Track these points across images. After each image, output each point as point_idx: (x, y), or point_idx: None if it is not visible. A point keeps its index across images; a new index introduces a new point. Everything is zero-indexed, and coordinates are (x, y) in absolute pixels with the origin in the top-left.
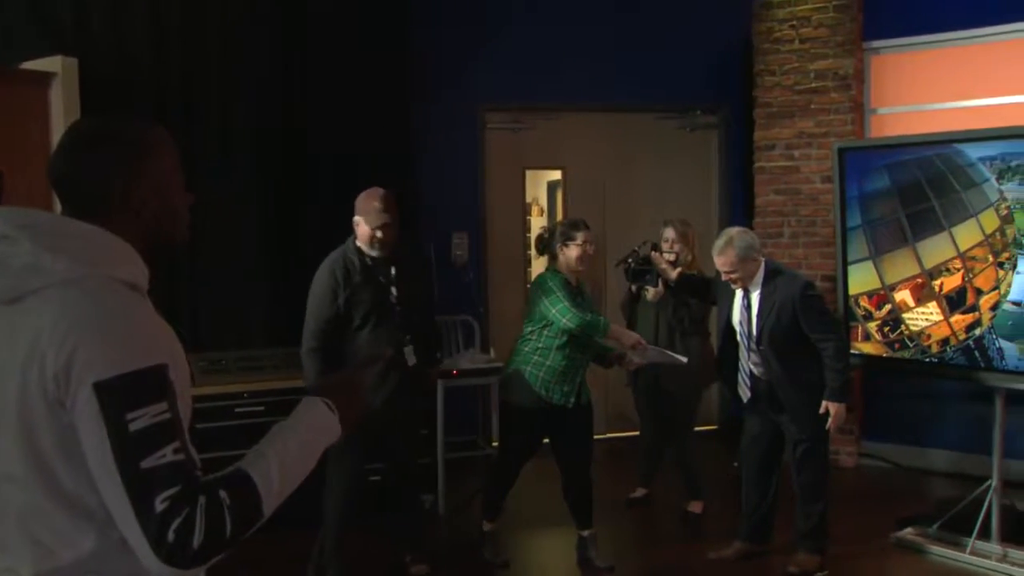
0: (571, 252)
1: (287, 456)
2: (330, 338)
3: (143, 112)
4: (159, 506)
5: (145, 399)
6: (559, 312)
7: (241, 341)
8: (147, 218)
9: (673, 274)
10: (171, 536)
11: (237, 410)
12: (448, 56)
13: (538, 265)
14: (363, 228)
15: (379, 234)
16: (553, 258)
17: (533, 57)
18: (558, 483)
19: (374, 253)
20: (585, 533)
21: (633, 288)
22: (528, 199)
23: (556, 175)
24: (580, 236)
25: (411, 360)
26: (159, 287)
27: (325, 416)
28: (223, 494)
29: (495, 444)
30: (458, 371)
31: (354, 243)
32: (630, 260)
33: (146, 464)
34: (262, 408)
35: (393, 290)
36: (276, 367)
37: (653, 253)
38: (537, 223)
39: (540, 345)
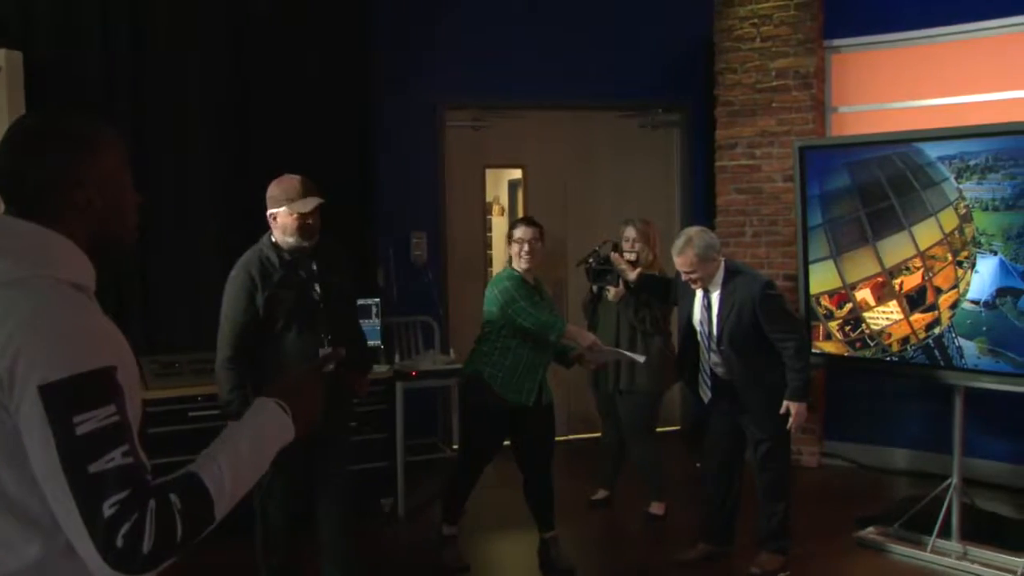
0: (512, 249)
1: (239, 458)
2: (248, 345)
3: (90, 108)
4: (107, 511)
5: (92, 402)
6: (515, 312)
7: (195, 343)
8: (93, 218)
9: (633, 274)
10: (120, 542)
11: (191, 414)
12: (408, 53)
13: (499, 265)
14: (285, 218)
15: (309, 220)
16: (510, 258)
17: (494, 55)
18: (519, 485)
19: (304, 243)
20: (547, 536)
21: (594, 288)
22: (489, 198)
23: (517, 174)
24: (517, 232)
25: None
26: (107, 288)
27: (278, 417)
28: (174, 498)
29: (455, 446)
30: (417, 372)
31: (269, 239)
32: (591, 260)
33: (94, 468)
34: (216, 412)
35: (316, 287)
36: None
37: (613, 254)
38: (498, 223)
39: (499, 345)
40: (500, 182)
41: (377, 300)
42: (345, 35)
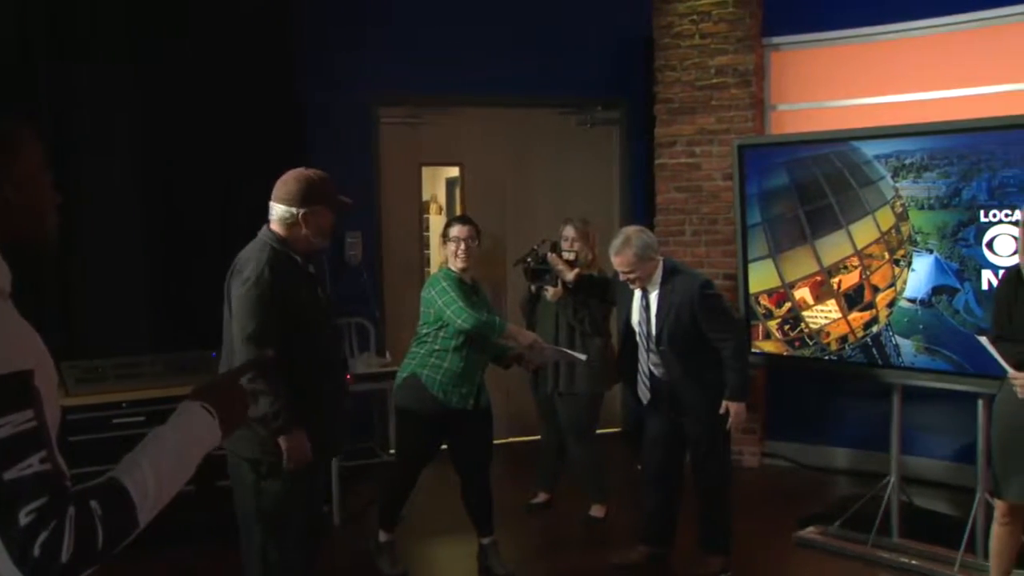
0: (448, 248)
1: (164, 463)
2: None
3: (8, 108)
4: (24, 519)
5: (8, 406)
6: (454, 312)
7: (120, 347)
8: (10, 217)
9: (571, 275)
10: (37, 551)
11: (115, 421)
12: (339, 48)
13: (436, 265)
14: (323, 216)
15: (332, 222)
16: (447, 257)
17: (429, 49)
18: (457, 490)
19: (325, 245)
20: (486, 541)
21: (533, 288)
22: (426, 196)
23: (454, 172)
24: (453, 231)
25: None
26: (25, 290)
27: (204, 420)
28: (94, 504)
29: (392, 451)
30: (352, 376)
31: (278, 238)
32: (529, 259)
33: (9, 475)
34: (143, 418)
35: (319, 291)
36: (158, 374)
37: (550, 254)
38: (436, 221)
39: (436, 347)
40: (437, 180)
41: None
42: (270, 32)
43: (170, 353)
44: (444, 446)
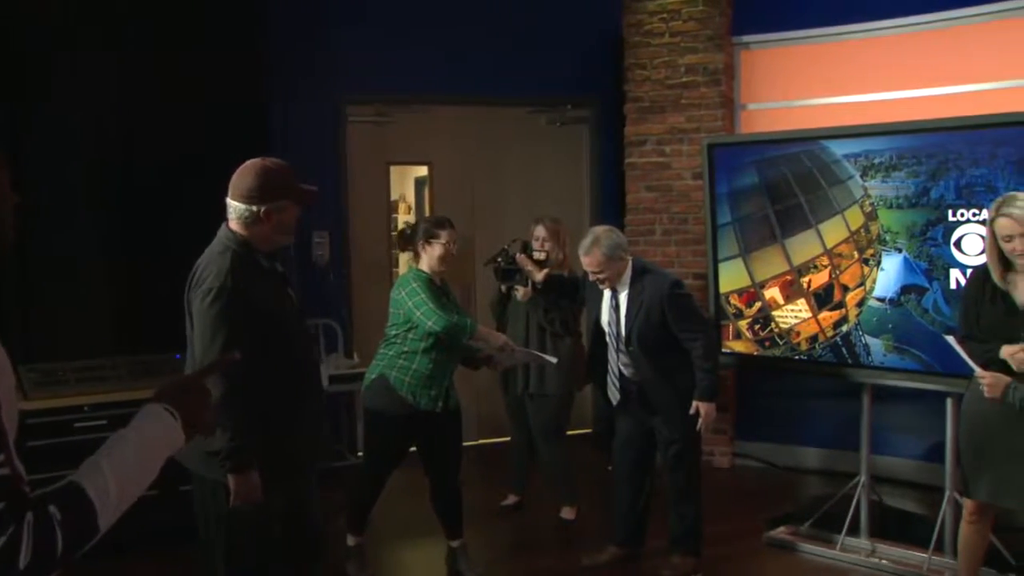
0: (434, 251)
1: (125, 466)
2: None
3: None
4: None
5: None
6: (424, 314)
7: (80, 350)
8: None
9: (540, 275)
10: None
11: (76, 425)
12: (306, 45)
13: (405, 266)
14: (289, 212)
15: (297, 215)
16: (416, 256)
17: (398, 47)
18: (426, 493)
19: (289, 241)
20: (455, 544)
21: (503, 288)
22: (394, 196)
23: (423, 171)
24: (444, 235)
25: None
26: None
27: (166, 423)
28: (53, 509)
29: (360, 453)
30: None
31: (238, 239)
32: (499, 259)
33: None
34: (104, 422)
35: (291, 292)
36: (120, 377)
37: (519, 255)
38: (405, 221)
39: (405, 349)
40: (406, 180)
41: None
42: (237, 28)
43: (132, 355)
44: (413, 448)
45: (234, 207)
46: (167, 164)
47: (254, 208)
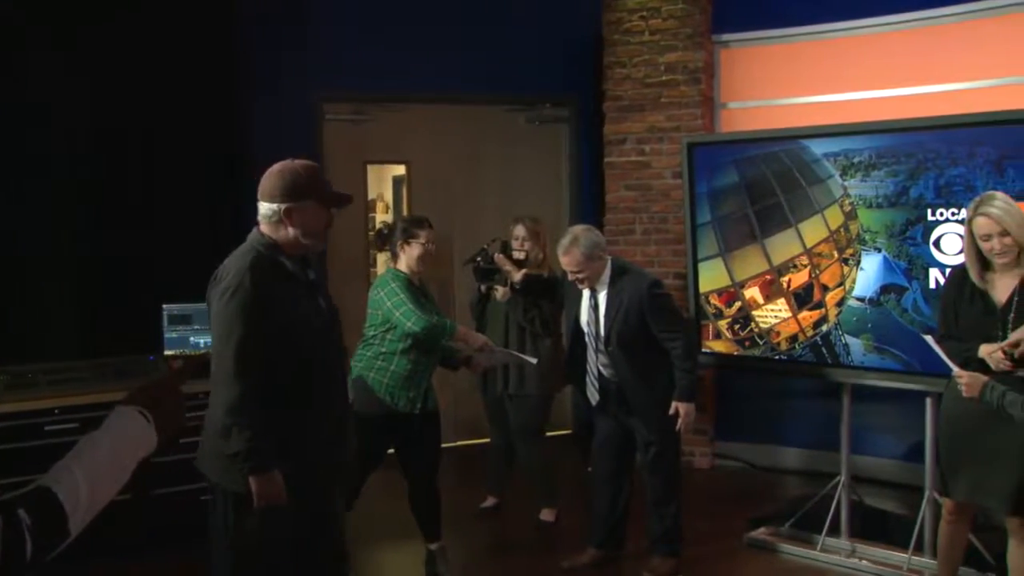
0: (413, 251)
1: (96, 470)
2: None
3: None
4: None
5: None
6: (403, 315)
7: (52, 352)
8: None
9: (518, 275)
10: None
11: (47, 428)
12: (283, 43)
13: (383, 265)
14: (316, 212)
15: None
16: (394, 256)
17: (375, 45)
18: (404, 495)
19: (318, 247)
20: (433, 546)
21: (482, 288)
22: (372, 195)
23: (401, 170)
24: (423, 235)
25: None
26: None
27: (139, 425)
28: (22, 514)
29: None
30: None
31: (266, 241)
32: (479, 259)
33: None
34: (75, 425)
35: (322, 301)
36: (91, 380)
37: (497, 255)
38: (382, 221)
39: (383, 350)
40: (384, 179)
41: None
42: (212, 25)
43: (105, 358)
44: (391, 450)
45: (260, 208)
46: (136, 166)
47: (275, 207)
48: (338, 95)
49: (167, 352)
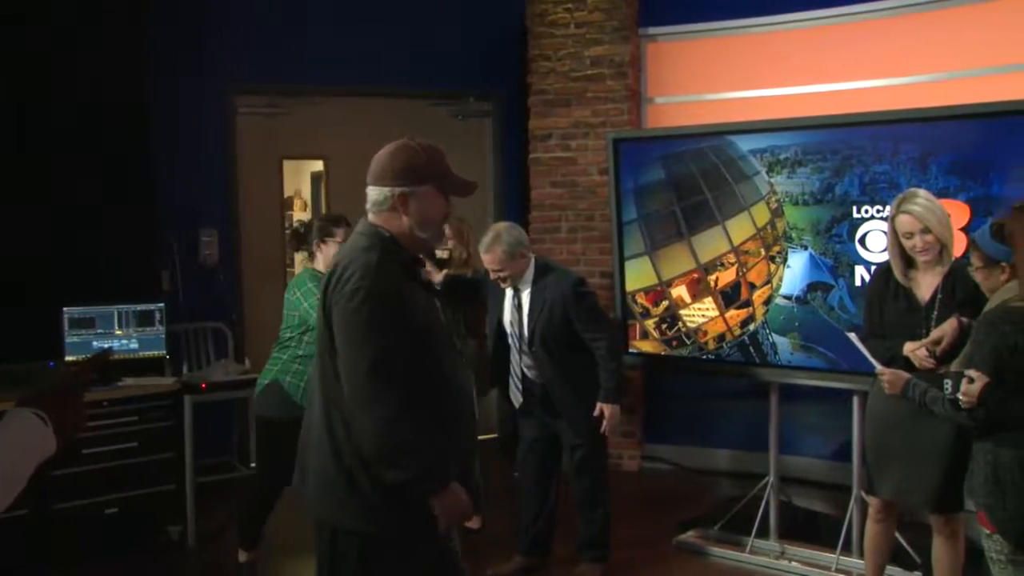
0: (330, 250)
1: None
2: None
3: None
4: None
5: None
6: None
7: None
8: None
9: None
10: None
11: None
12: (193, 32)
13: (300, 266)
14: (434, 200)
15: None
16: (311, 256)
17: (290, 34)
18: None
19: (435, 243)
20: None
21: None
22: (289, 192)
23: (319, 166)
24: (341, 233)
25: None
26: None
27: (35, 428)
28: None
29: (252, 464)
30: (208, 384)
31: (385, 232)
32: None
33: None
34: None
35: (439, 306)
36: None
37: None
38: (298, 219)
39: (300, 353)
40: (302, 175)
41: (161, 305)
42: (121, 12)
43: (3, 364)
44: None
45: (369, 194)
46: (35, 163)
47: (386, 191)
48: (252, 87)
49: (68, 358)
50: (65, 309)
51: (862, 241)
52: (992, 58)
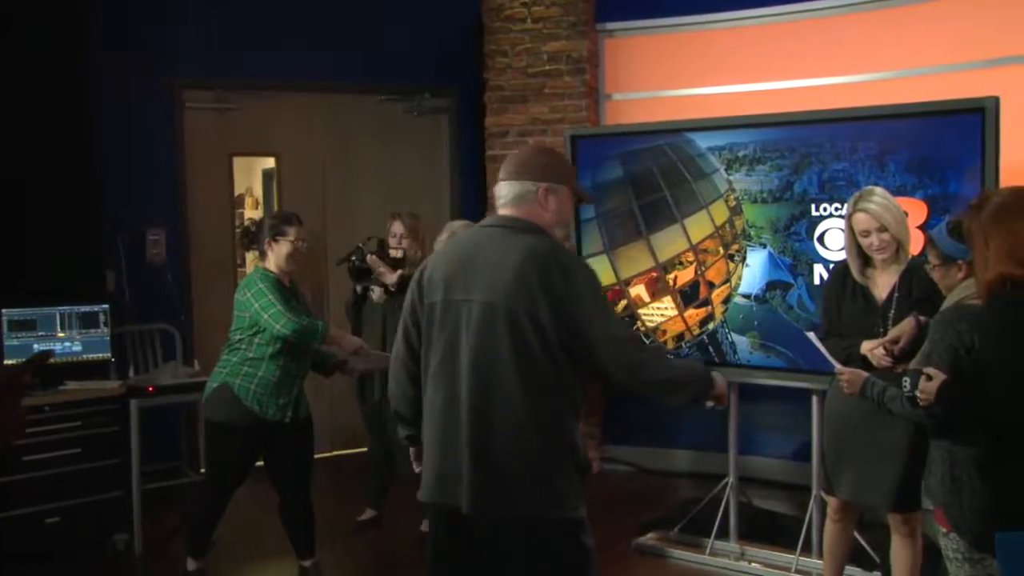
0: (282, 249)
1: None
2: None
3: None
4: None
5: None
6: (272, 317)
7: None
8: None
9: (392, 277)
10: None
11: None
12: (139, 23)
13: (251, 265)
14: (567, 201)
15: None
16: (262, 255)
17: (241, 27)
18: (275, 509)
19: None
20: (307, 563)
21: (358, 289)
22: (239, 190)
23: (270, 163)
24: (292, 232)
25: None
26: None
27: None
28: None
29: (201, 469)
30: (155, 388)
31: (533, 224)
32: (354, 258)
33: None
34: None
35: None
36: None
37: (370, 256)
38: (249, 218)
39: (251, 355)
40: (253, 172)
41: (106, 307)
42: (57, 4)
43: None
44: (260, 462)
45: (508, 188)
46: None
47: (531, 185)
48: (200, 81)
49: (7, 361)
50: (4, 311)
51: (821, 239)
52: (950, 56)
